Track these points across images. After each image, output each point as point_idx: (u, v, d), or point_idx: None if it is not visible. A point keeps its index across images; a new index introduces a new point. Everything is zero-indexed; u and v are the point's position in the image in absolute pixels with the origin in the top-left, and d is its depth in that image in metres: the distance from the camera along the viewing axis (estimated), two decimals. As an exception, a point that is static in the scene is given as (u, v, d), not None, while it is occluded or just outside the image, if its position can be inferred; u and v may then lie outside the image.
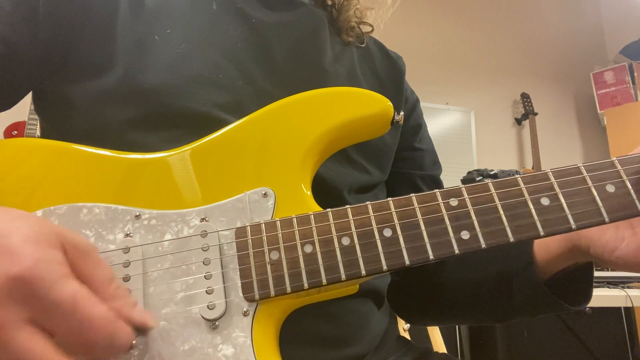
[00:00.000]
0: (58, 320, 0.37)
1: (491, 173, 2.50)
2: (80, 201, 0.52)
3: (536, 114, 3.87)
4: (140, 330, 0.43)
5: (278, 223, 0.51)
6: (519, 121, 4.02)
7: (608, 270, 2.32)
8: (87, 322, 0.37)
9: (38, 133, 0.71)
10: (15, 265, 0.36)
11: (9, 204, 0.51)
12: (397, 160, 0.83)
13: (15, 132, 2.66)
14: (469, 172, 2.69)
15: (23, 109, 2.52)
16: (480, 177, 2.35)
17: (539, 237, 0.48)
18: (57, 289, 0.36)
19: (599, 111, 4.06)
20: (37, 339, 0.36)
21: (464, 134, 3.87)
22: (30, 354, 0.36)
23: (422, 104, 0.91)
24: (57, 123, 0.67)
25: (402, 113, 0.61)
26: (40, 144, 0.56)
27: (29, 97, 0.69)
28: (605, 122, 3.93)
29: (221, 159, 0.56)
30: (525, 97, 3.95)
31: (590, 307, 2.28)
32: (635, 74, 3.92)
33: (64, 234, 0.41)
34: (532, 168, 3.66)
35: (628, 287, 2.14)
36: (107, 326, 0.38)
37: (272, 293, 0.48)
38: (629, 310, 2.40)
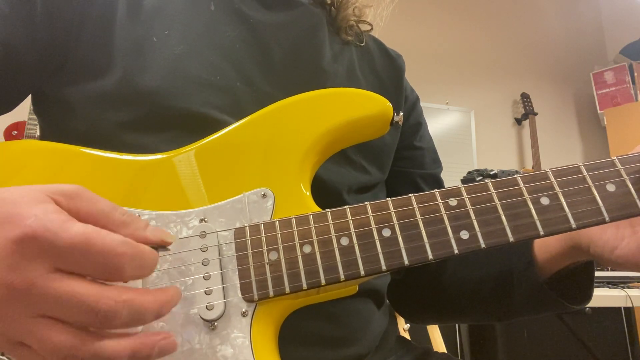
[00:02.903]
0: (80, 261, 0.37)
1: (491, 173, 2.50)
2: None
3: (536, 114, 3.88)
4: (160, 247, 0.43)
5: (277, 223, 0.51)
6: (519, 121, 4.03)
7: (608, 270, 2.32)
8: (107, 252, 0.37)
9: (38, 133, 0.71)
10: (15, 228, 0.36)
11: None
12: (397, 159, 0.82)
13: (15, 132, 2.66)
14: (469, 172, 2.69)
15: (23, 109, 2.51)
16: (480, 177, 2.34)
17: (538, 236, 0.48)
18: (65, 233, 0.36)
19: (599, 111, 4.06)
20: (72, 281, 0.37)
21: (464, 134, 3.87)
22: (73, 294, 0.36)
23: (422, 104, 0.91)
24: (56, 125, 0.67)
25: (401, 113, 0.61)
26: (42, 147, 0.56)
27: (29, 97, 0.69)
28: (605, 122, 3.94)
29: (220, 160, 0.56)
30: (525, 97, 3.95)
31: (590, 307, 2.28)
32: (635, 74, 3.93)
33: (48, 187, 0.40)
34: (532, 168, 3.66)
35: (628, 287, 2.14)
36: (130, 249, 0.38)
37: (271, 293, 0.48)
38: (629, 310, 2.40)
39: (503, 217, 0.48)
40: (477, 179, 2.38)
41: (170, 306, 0.42)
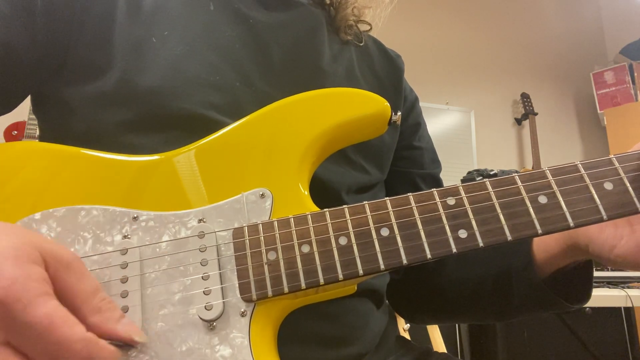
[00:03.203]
0: (33, 342, 0.36)
1: (491, 173, 2.50)
2: (80, 203, 0.52)
3: (536, 114, 3.88)
4: (128, 344, 0.42)
5: (275, 223, 0.51)
6: (519, 121, 4.03)
7: (608, 270, 2.32)
8: (63, 344, 0.36)
9: (38, 133, 0.71)
10: None
11: (11, 208, 0.51)
12: (397, 159, 0.82)
13: (16, 132, 2.66)
14: (469, 172, 2.69)
15: (23, 109, 2.52)
16: (481, 177, 2.34)
17: (536, 235, 0.48)
18: (32, 310, 0.35)
19: (599, 111, 4.06)
20: None
21: (464, 134, 3.87)
22: None
23: (422, 104, 0.91)
24: (56, 125, 0.67)
25: (399, 113, 0.61)
26: (41, 148, 0.56)
27: (29, 97, 0.70)
28: (605, 122, 3.94)
29: (219, 160, 0.56)
30: (525, 97, 3.95)
31: (590, 307, 2.28)
32: (635, 74, 3.93)
33: (45, 246, 0.40)
34: (532, 168, 3.65)
35: (628, 287, 2.14)
36: (84, 349, 0.37)
37: (270, 293, 0.48)
38: (629, 310, 2.40)
39: (501, 216, 0.48)
40: (477, 179, 2.38)
41: None
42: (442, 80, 3.88)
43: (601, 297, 2.02)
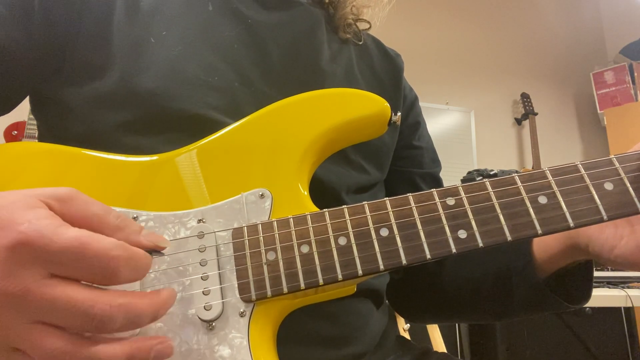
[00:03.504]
0: (75, 265, 0.37)
1: (491, 173, 2.50)
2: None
3: (536, 114, 3.87)
4: (154, 251, 0.43)
5: (275, 223, 0.51)
6: (519, 121, 4.02)
7: (608, 270, 2.31)
8: (101, 255, 0.37)
9: (37, 134, 0.71)
10: (8, 234, 0.36)
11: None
12: (396, 158, 0.82)
13: (16, 132, 2.66)
14: (469, 172, 2.69)
15: (23, 110, 2.51)
16: (481, 177, 2.34)
17: (536, 235, 0.47)
18: (58, 238, 0.36)
19: (599, 111, 4.05)
20: (67, 286, 0.36)
21: (464, 134, 3.87)
22: (68, 300, 0.36)
23: (422, 104, 0.91)
24: (54, 126, 0.66)
25: (399, 113, 0.61)
26: (42, 149, 0.56)
27: (28, 97, 0.70)
28: (605, 122, 3.93)
29: (218, 161, 0.56)
30: (525, 97, 3.95)
31: (590, 307, 2.28)
32: (635, 74, 3.92)
33: (40, 192, 0.40)
34: (532, 168, 3.65)
35: (628, 287, 2.14)
36: (124, 252, 0.38)
37: (269, 293, 0.48)
38: (629, 310, 2.40)
39: (501, 216, 0.48)
40: (477, 179, 2.37)
41: (166, 308, 0.41)
42: (442, 80, 3.88)
43: (601, 297, 2.01)
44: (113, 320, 0.37)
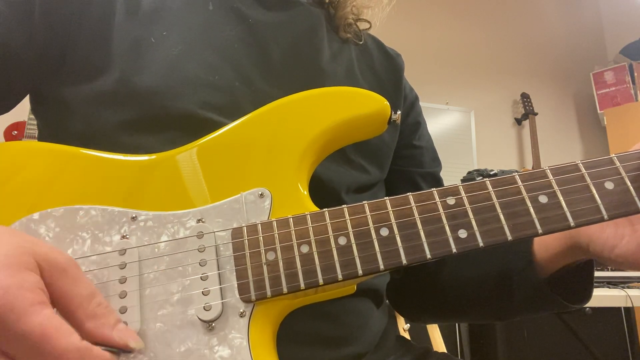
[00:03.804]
0: (28, 352, 0.36)
1: (491, 173, 2.49)
2: (78, 203, 0.52)
3: (536, 114, 3.87)
4: (123, 350, 0.42)
5: (274, 223, 0.51)
6: (519, 121, 4.02)
7: (608, 270, 2.31)
8: (57, 355, 0.36)
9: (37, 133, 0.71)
10: None
11: (10, 208, 0.51)
12: (397, 158, 0.82)
13: (16, 132, 2.66)
14: (469, 172, 2.69)
15: (23, 109, 2.52)
16: (481, 177, 2.33)
17: (537, 235, 0.47)
18: (26, 320, 0.35)
19: (599, 111, 4.05)
20: None
21: (464, 134, 3.87)
22: None
23: (422, 104, 0.91)
24: (54, 125, 0.66)
25: (399, 112, 0.61)
26: (40, 148, 0.56)
27: (28, 98, 0.69)
28: (605, 122, 3.93)
29: (218, 160, 0.56)
30: (525, 97, 3.95)
31: (590, 307, 2.28)
32: (635, 74, 3.92)
33: (39, 251, 0.40)
34: (532, 168, 3.64)
35: (628, 287, 2.14)
36: (78, 359, 0.37)
37: (269, 294, 0.48)
38: (629, 310, 2.40)
39: (501, 216, 0.48)
40: (477, 179, 2.37)
41: None
42: (442, 80, 3.88)
43: (601, 297, 2.01)
44: None
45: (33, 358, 0.36)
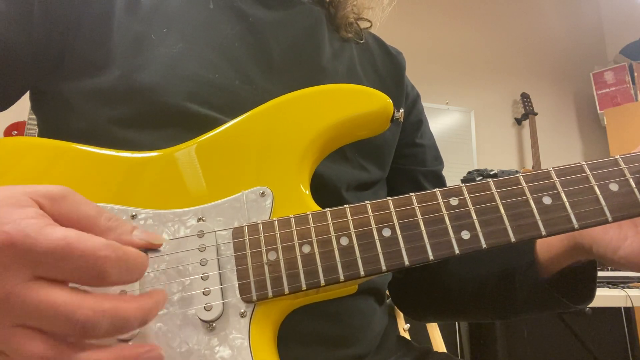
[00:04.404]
0: (61, 267, 0.35)
1: (491, 173, 2.49)
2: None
3: (536, 114, 3.87)
4: (150, 250, 0.42)
5: (276, 223, 0.50)
6: (519, 121, 4.02)
7: (608, 270, 2.31)
8: (88, 256, 0.35)
9: (37, 133, 0.71)
10: None
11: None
12: (399, 156, 0.82)
13: (16, 132, 2.66)
14: (469, 172, 2.69)
15: (23, 110, 2.51)
16: (481, 177, 2.34)
17: (540, 237, 0.47)
18: (44, 238, 0.35)
19: (599, 111, 4.05)
20: (51, 289, 0.35)
21: (464, 134, 3.87)
22: (52, 304, 0.35)
23: (422, 104, 0.91)
24: (54, 122, 0.66)
25: (402, 110, 0.60)
26: (38, 143, 0.55)
27: (28, 98, 0.69)
28: (605, 122, 3.93)
29: (218, 158, 0.55)
30: (525, 97, 3.95)
31: (590, 307, 2.27)
32: (635, 74, 3.92)
33: (32, 189, 0.39)
34: (532, 168, 3.66)
35: (628, 287, 2.14)
36: (113, 252, 0.36)
37: (270, 294, 0.48)
38: (629, 310, 2.40)
39: (505, 217, 0.48)
40: (477, 179, 2.38)
41: (156, 312, 0.40)
42: (442, 80, 3.87)
43: (601, 297, 2.01)
44: (97, 326, 0.35)
45: (70, 268, 0.35)
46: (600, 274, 2.22)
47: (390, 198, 0.50)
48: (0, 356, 0.36)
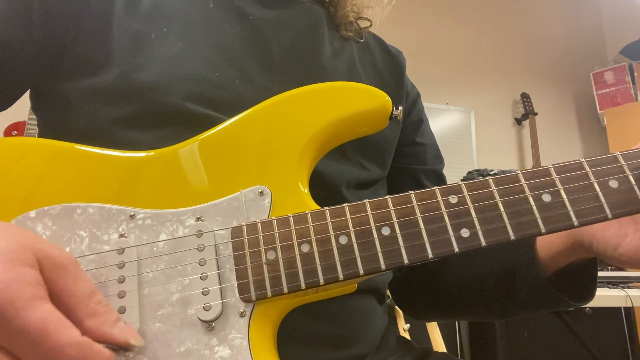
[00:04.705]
0: (27, 347, 0.35)
1: (491, 173, 2.49)
2: (75, 201, 0.52)
3: (536, 114, 3.87)
4: (123, 348, 0.42)
5: (274, 222, 0.50)
6: (519, 121, 4.02)
7: (608, 270, 2.31)
8: (57, 349, 0.35)
9: (37, 133, 0.71)
10: None
11: (5, 205, 0.51)
12: (399, 155, 0.82)
13: (16, 132, 2.66)
14: (469, 172, 2.69)
15: (23, 110, 2.51)
16: (481, 177, 2.33)
17: (540, 234, 0.47)
18: (25, 314, 0.34)
19: (599, 111, 4.05)
20: None
21: (464, 134, 3.87)
22: None
23: (422, 103, 0.90)
24: (54, 121, 0.66)
25: (400, 108, 0.60)
26: (36, 143, 0.55)
27: (28, 99, 0.69)
28: (605, 122, 3.93)
29: (216, 157, 0.55)
30: (525, 97, 3.95)
31: (590, 307, 2.28)
32: (635, 74, 3.92)
33: (40, 247, 0.39)
34: (532, 168, 3.65)
35: (628, 287, 2.14)
36: (79, 353, 0.36)
37: (269, 294, 0.48)
38: (629, 310, 2.40)
39: (504, 215, 0.47)
40: (477, 178, 2.37)
41: None
42: (442, 80, 3.87)
43: (601, 297, 2.01)
44: None
45: (33, 353, 0.35)
46: (600, 274, 2.22)
47: (389, 196, 0.50)
48: None
